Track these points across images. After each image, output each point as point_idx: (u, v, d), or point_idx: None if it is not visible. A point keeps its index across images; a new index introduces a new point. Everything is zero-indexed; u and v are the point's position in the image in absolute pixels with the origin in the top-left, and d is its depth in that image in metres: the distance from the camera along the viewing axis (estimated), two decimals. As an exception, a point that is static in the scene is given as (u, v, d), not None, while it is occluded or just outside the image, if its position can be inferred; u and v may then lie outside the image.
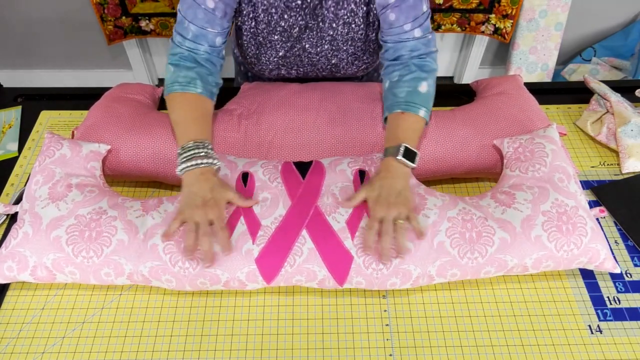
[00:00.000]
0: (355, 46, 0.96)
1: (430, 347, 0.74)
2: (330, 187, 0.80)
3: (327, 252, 0.74)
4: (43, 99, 1.14)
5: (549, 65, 2.14)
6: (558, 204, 0.77)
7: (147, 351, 0.74)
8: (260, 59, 0.99)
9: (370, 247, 0.73)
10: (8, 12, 2.06)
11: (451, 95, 1.12)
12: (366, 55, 0.99)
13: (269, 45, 0.96)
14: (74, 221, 0.76)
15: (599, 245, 0.76)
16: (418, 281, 0.75)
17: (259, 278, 0.74)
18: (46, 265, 0.75)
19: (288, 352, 0.73)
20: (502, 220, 0.76)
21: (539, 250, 0.74)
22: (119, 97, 0.97)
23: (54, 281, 0.78)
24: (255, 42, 0.96)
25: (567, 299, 0.79)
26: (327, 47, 0.97)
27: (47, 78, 2.36)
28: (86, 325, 0.76)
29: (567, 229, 0.75)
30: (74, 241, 0.74)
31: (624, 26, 2.15)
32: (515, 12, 1.96)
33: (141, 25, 2.05)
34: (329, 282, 0.75)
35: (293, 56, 0.98)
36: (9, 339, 0.75)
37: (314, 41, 0.96)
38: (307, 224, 0.76)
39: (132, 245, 0.74)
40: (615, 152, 1.00)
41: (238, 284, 0.75)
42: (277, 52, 0.97)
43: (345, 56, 0.98)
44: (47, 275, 0.76)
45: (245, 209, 0.77)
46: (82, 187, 0.80)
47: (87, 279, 0.76)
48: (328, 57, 0.98)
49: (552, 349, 0.73)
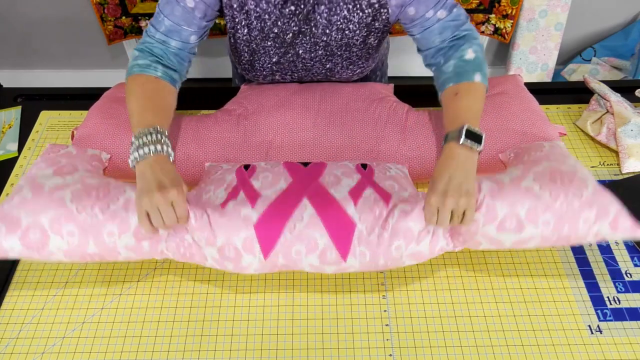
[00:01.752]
0: (350, 51, 0.95)
1: (430, 347, 0.74)
2: (333, 170, 0.78)
3: (329, 219, 0.71)
4: (43, 99, 1.14)
5: (549, 65, 2.14)
6: (552, 169, 0.74)
7: (147, 351, 0.74)
8: (254, 65, 0.98)
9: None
10: (8, 12, 2.06)
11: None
12: (362, 61, 0.98)
13: (263, 52, 0.95)
14: (79, 187, 0.73)
15: (606, 200, 0.71)
16: (420, 239, 0.72)
17: (256, 248, 0.70)
18: (42, 224, 0.70)
19: (288, 352, 0.73)
20: (493, 240, 0.74)
21: (532, 199, 0.71)
22: (118, 98, 0.97)
23: (45, 248, 0.71)
24: (249, 49, 0.95)
25: (567, 299, 0.79)
26: (321, 53, 0.95)
27: (47, 78, 2.35)
28: (86, 325, 0.76)
29: (561, 180, 0.72)
30: (79, 198, 0.72)
31: (624, 26, 2.14)
32: (515, 12, 1.96)
33: (141, 25, 2.05)
34: (330, 254, 0.71)
35: (287, 62, 0.97)
36: (9, 339, 0.75)
37: (307, 47, 0.95)
38: (308, 193, 0.73)
39: (142, 255, 0.73)
40: (615, 152, 1.00)
41: (234, 253, 0.71)
42: (271, 58, 0.96)
43: (339, 61, 0.97)
44: (39, 238, 0.70)
45: (245, 184, 0.75)
46: (87, 172, 0.79)
47: (86, 242, 0.71)
48: (322, 62, 0.97)
49: (552, 349, 0.73)
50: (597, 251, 0.85)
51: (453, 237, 0.75)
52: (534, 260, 0.83)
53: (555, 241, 0.73)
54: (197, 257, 0.73)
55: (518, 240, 0.73)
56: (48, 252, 0.72)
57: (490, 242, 0.74)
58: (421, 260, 0.75)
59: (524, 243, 0.73)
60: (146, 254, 0.74)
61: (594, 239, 0.73)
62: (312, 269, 0.74)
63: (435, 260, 0.83)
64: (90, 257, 0.73)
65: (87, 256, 0.73)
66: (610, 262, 0.84)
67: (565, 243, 0.74)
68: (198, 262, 0.74)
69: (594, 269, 0.83)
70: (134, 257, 0.74)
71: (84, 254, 0.73)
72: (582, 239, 0.73)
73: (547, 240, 0.73)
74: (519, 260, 0.83)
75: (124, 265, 0.83)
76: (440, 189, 0.71)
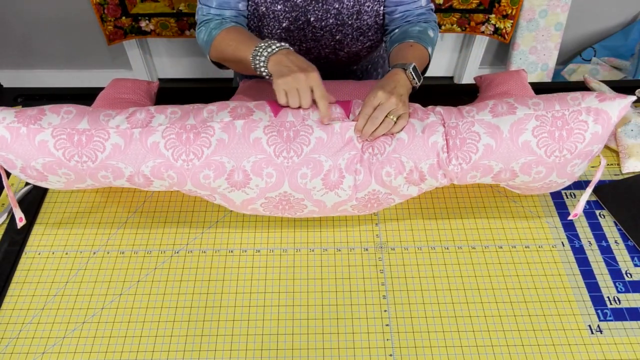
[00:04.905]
0: (361, 20, 0.97)
1: (431, 347, 0.74)
2: None
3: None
4: (43, 99, 1.14)
5: (549, 65, 2.14)
6: (554, 110, 0.76)
7: (147, 351, 0.74)
8: (262, 31, 0.99)
9: (360, 130, 0.75)
10: (8, 12, 2.06)
11: (451, 96, 1.12)
12: (372, 31, 1.00)
13: (272, 16, 0.97)
14: (60, 132, 0.74)
15: (595, 147, 0.75)
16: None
17: (267, 108, 0.77)
18: (36, 167, 0.75)
19: (288, 352, 0.73)
20: (490, 125, 0.76)
21: (527, 155, 0.75)
22: (114, 100, 0.96)
23: (46, 181, 0.79)
24: (258, 14, 0.97)
25: (567, 299, 0.79)
26: (331, 22, 0.97)
27: (47, 78, 2.35)
28: (86, 325, 0.76)
29: (560, 135, 0.74)
30: (62, 145, 0.74)
31: (624, 26, 2.15)
32: (515, 12, 1.96)
33: (141, 26, 2.05)
34: (335, 110, 0.78)
35: (297, 29, 0.99)
36: (9, 339, 0.75)
37: (319, 14, 0.96)
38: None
39: (129, 148, 0.74)
40: (615, 152, 1.00)
41: (245, 110, 0.76)
42: (281, 24, 0.97)
43: (350, 31, 0.99)
44: (37, 175, 0.77)
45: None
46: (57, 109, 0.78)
47: (83, 179, 0.78)
48: (332, 32, 0.99)
49: (552, 349, 0.73)
50: (597, 251, 0.85)
51: (448, 135, 0.76)
52: (534, 260, 0.83)
53: (551, 122, 0.74)
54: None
55: (515, 122, 0.75)
56: (52, 184, 0.80)
57: (487, 128, 0.75)
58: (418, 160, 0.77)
59: (521, 124, 0.74)
60: (136, 142, 0.74)
61: (586, 115, 0.74)
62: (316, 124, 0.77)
63: (435, 260, 0.83)
64: (78, 135, 0.74)
65: (75, 133, 0.74)
66: (610, 262, 0.84)
67: (560, 124, 0.74)
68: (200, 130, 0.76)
69: (594, 269, 0.83)
70: (121, 145, 0.74)
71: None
72: (574, 113, 0.74)
73: (543, 119, 0.74)
74: (519, 260, 0.83)
75: (124, 265, 0.83)
76: (388, 89, 0.76)
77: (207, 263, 0.83)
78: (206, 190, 0.78)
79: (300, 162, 0.74)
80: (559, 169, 0.77)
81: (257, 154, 0.74)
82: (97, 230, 0.88)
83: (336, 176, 0.75)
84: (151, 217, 0.90)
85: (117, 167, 0.75)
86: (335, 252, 0.85)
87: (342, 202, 0.79)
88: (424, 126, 0.77)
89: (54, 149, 0.74)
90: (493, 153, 0.75)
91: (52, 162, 0.75)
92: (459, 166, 0.76)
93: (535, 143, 0.74)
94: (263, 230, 0.88)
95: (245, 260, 0.84)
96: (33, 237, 0.87)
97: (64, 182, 0.79)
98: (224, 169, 0.74)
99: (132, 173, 0.76)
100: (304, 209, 0.81)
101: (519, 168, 0.76)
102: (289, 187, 0.76)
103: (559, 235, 0.87)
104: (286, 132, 0.75)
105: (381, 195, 0.79)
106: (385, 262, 0.83)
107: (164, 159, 0.74)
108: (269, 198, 0.78)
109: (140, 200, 0.92)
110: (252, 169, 0.74)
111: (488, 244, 0.86)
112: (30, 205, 0.91)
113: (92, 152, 0.74)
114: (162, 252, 0.85)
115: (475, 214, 0.90)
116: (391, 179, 0.77)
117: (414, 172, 0.77)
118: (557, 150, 0.74)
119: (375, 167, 0.76)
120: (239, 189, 0.77)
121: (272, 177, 0.75)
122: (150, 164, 0.75)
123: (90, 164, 0.75)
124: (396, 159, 0.75)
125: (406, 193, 0.81)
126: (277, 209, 0.81)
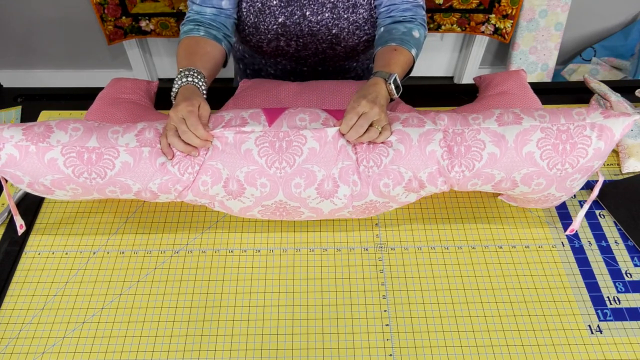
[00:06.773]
0: (357, 13, 0.98)
1: (430, 347, 0.74)
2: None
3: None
4: (43, 99, 1.14)
5: (549, 65, 2.14)
6: (559, 124, 0.75)
7: (147, 351, 0.74)
8: (259, 27, 1.00)
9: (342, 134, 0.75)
10: (8, 12, 2.06)
11: (451, 96, 1.12)
12: (368, 25, 1.01)
13: (268, 12, 0.98)
14: (70, 150, 0.75)
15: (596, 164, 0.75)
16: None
17: (262, 117, 0.77)
18: (44, 183, 0.76)
19: (288, 352, 0.73)
20: (496, 134, 0.76)
21: (530, 167, 0.75)
22: (113, 100, 0.96)
23: (52, 194, 0.79)
24: (254, 10, 0.98)
25: (567, 299, 0.79)
26: (327, 16, 0.98)
27: (47, 78, 2.36)
28: (86, 325, 0.76)
29: (563, 148, 0.74)
30: (72, 163, 0.74)
31: (624, 26, 2.15)
32: (515, 12, 1.96)
33: (141, 26, 2.05)
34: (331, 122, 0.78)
35: (293, 24, 0.99)
36: (9, 339, 0.75)
37: (314, 8, 0.97)
38: None
39: (139, 166, 0.75)
40: (615, 152, 1.00)
41: (239, 121, 0.76)
42: (277, 19, 0.98)
43: (346, 25, 0.99)
44: (44, 189, 0.77)
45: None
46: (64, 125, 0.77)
47: (90, 193, 0.78)
48: (329, 26, 1.00)
49: (552, 349, 0.73)
50: (597, 251, 0.85)
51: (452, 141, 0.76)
52: (533, 260, 0.83)
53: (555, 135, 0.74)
54: None
55: (521, 132, 0.74)
56: (57, 196, 0.80)
57: (493, 136, 0.75)
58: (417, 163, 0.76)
59: (526, 134, 0.74)
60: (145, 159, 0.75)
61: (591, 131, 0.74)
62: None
63: (435, 260, 0.83)
64: (88, 154, 0.74)
65: (85, 151, 0.74)
66: (610, 262, 0.84)
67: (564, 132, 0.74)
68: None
69: (594, 269, 0.83)
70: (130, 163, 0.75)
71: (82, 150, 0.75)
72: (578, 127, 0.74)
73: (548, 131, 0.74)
74: (519, 260, 0.83)
75: (124, 265, 0.83)
76: (370, 98, 0.75)
77: (207, 263, 0.83)
78: (206, 198, 0.79)
79: (292, 172, 0.74)
80: (559, 183, 0.77)
81: (250, 165, 0.74)
82: (97, 230, 0.88)
83: (330, 185, 0.75)
84: (151, 217, 0.90)
85: (125, 183, 0.76)
86: (335, 252, 0.85)
87: (339, 209, 0.79)
88: (420, 135, 0.76)
89: (64, 167, 0.74)
90: (497, 162, 0.75)
91: (61, 178, 0.75)
92: (461, 173, 0.76)
93: (539, 155, 0.74)
94: (263, 230, 0.88)
95: (245, 260, 0.84)
96: (33, 237, 0.87)
97: (70, 195, 0.80)
98: (220, 175, 0.75)
99: (140, 189, 0.76)
100: (301, 215, 0.81)
101: (520, 178, 0.76)
102: (284, 196, 0.76)
103: (558, 235, 0.87)
104: (279, 142, 0.75)
105: (379, 203, 0.80)
106: (385, 262, 0.83)
107: (171, 175, 0.75)
108: (265, 206, 0.78)
109: (140, 200, 0.92)
110: (246, 179, 0.75)
111: (488, 244, 0.86)
112: (30, 205, 0.91)
113: (102, 169, 0.75)
114: (162, 252, 0.85)
115: (475, 214, 0.90)
116: (389, 190, 0.77)
117: (413, 181, 0.77)
118: (560, 163, 0.74)
119: (373, 180, 0.76)
120: (235, 197, 0.77)
121: (266, 187, 0.75)
122: (157, 182, 0.76)
123: (99, 180, 0.75)
124: (394, 170, 0.75)
125: (404, 200, 0.81)
126: (275, 215, 0.82)
